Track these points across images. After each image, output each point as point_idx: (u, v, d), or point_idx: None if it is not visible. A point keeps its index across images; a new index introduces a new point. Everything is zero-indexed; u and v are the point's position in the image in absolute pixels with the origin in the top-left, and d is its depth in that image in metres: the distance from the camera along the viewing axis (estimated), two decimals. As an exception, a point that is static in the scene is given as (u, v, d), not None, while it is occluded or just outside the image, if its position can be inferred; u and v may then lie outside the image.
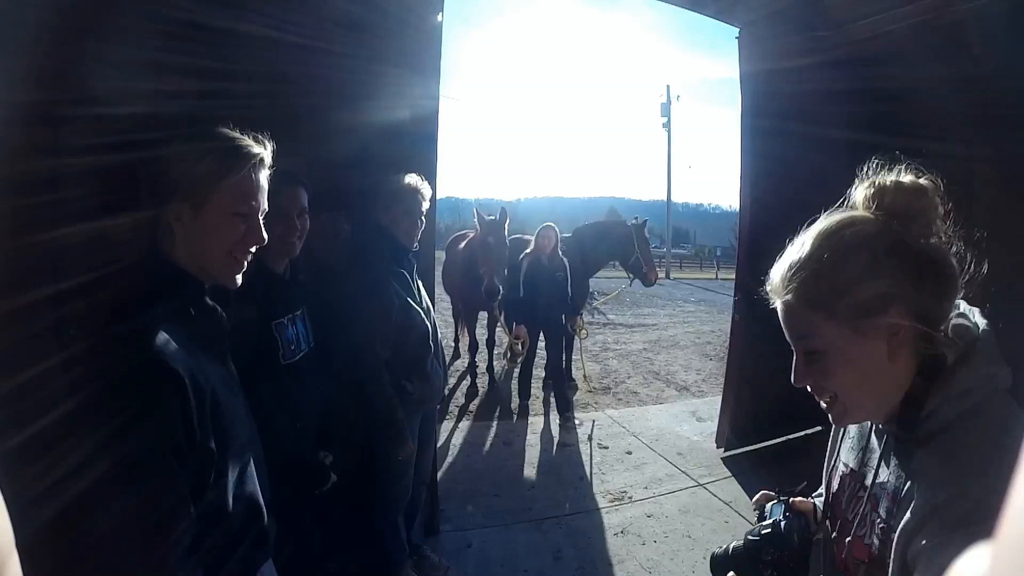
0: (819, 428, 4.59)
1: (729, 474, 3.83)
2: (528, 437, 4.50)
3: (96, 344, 0.96)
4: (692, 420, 4.97)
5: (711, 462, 4.03)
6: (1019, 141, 3.79)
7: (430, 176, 2.36)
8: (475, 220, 4.95)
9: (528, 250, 4.95)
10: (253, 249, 1.12)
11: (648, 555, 2.88)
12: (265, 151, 1.12)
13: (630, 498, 3.49)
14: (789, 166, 3.97)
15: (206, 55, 1.69)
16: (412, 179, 2.24)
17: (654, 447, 4.32)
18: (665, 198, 29.94)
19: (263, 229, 1.11)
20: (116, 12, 1.56)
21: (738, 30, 3.88)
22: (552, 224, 5.05)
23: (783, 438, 4.37)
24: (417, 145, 2.61)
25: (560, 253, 4.99)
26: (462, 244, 5.89)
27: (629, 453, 4.21)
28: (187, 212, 1.04)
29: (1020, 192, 4.00)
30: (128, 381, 0.92)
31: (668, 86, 30.09)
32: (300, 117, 2.21)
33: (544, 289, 4.82)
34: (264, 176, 1.12)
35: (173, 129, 1.16)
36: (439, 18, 2.64)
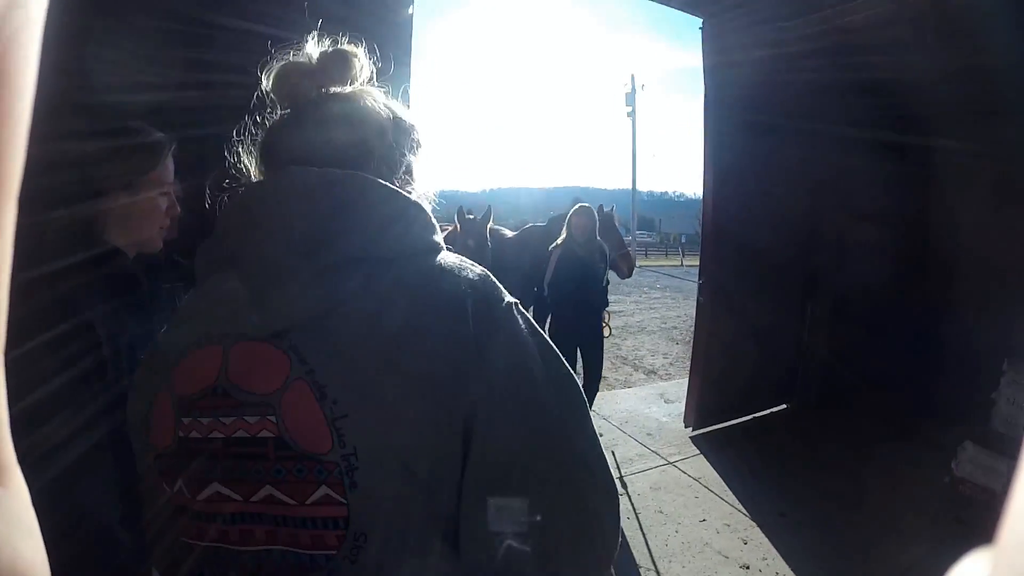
0: (784, 406, 4.80)
1: (697, 452, 3.97)
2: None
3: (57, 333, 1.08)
4: (660, 402, 5.10)
5: (680, 441, 4.16)
6: (983, 133, 4.01)
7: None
8: (456, 219, 4.63)
9: (560, 239, 4.06)
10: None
11: (622, 531, 2.98)
12: (171, 141, 1.30)
13: (603, 478, 3.60)
14: (751, 155, 4.11)
15: (190, 48, 1.70)
16: None
17: (624, 429, 4.43)
18: (630, 186, 30.26)
19: (176, 203, 1.31)
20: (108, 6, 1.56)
21: (702, 21, 3.98)
22: (587, 204, 4.16)
23: (749, 416, 4.56)
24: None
25: (598, 236, 4.06)
26: None
27: (600, 435, 4.31)
28: (123, 197, 1.22)
29: (983, 182, 4.25)
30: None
31: (633, 76, 30.35)
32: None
33: (581, 286, 3.88)
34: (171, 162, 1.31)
35: (149, 119, 1.29)
36: (410, 11, 2.67)
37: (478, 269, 0.71)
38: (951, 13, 3.22)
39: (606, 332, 4.16)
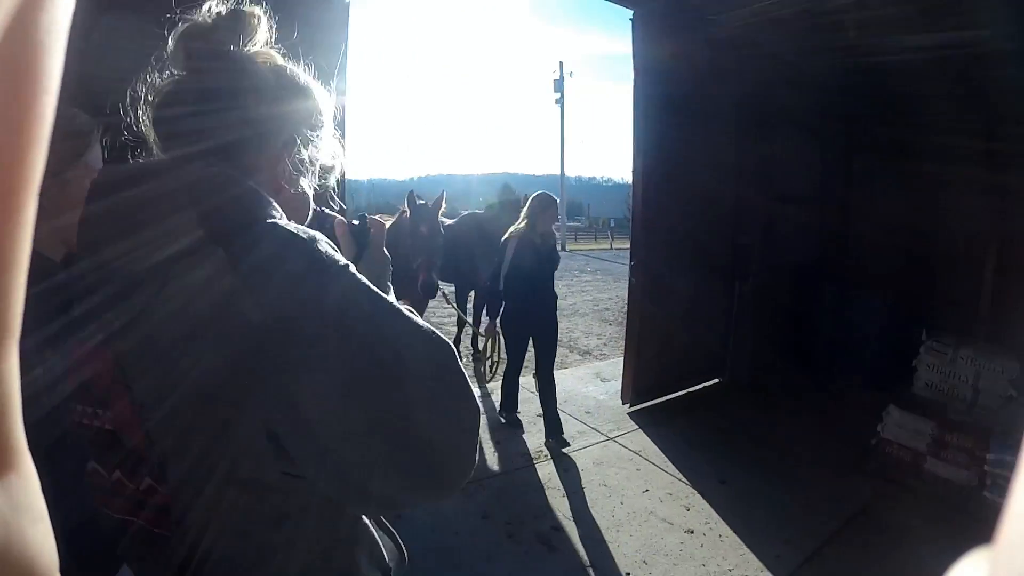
0: (716, 380, 5.07)
1: (636, 427, 4.15)
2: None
3: None
4: (597, 381, 5.25)
5: (618, 418, 4.33)
6: (899, 121, 4.34)
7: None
8: (405, 204, 4.17)
9: (516, 229, 3.82)
10: None
11: (569, 505, 3.10)
12: (98, 125, 1.23)
13: (546, 456, 3.70)
14: (680, 141, 4.27)
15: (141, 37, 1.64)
16: None
17: (564, 408, 4.50)
18: (559, 172, 30.55)
19: None
20: None
21: (632, 12, 4.08)
22: (549, 193, 3.92)
23: (683, 391, 4.80)
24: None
25: (553, 228, 3.90)
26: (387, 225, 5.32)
27: (540, 415, 4.37)
28: (53, 188, 1.12)
29: (898, 167, 4.60)
30: None
31: (561, 63, 30.53)
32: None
33: (538, 277, 3.77)
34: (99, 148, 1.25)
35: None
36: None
37: (300, 238, 0.63)
38: (870, 8, 3.46)
39: None
